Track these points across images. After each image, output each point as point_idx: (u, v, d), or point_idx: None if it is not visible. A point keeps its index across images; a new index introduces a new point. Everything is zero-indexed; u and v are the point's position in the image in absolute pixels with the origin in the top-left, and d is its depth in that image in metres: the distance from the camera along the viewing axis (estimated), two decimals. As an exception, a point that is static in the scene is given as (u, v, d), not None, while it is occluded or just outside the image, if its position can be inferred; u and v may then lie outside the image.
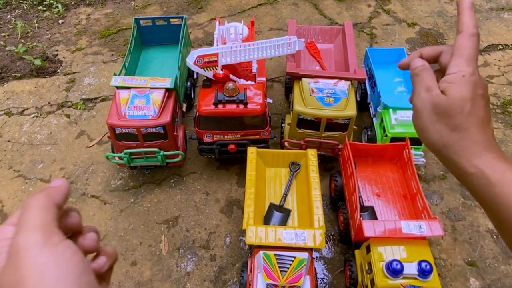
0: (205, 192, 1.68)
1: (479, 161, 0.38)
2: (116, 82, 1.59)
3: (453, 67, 0.41)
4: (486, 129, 0.40)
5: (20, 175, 1.76)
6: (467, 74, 0.40)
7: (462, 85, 0.39)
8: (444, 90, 0.41)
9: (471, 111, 0.39)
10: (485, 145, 0.39)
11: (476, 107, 0.40)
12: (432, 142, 0.42)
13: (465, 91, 0.39)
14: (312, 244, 1.16)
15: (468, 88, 0.39)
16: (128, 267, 1.45)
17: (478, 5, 2.63)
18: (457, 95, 0.39)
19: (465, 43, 0.41)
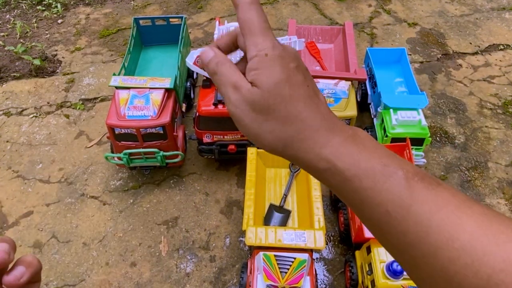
0: (205, 192, 1.67)
1: (326, 151, 0.31)
2: (115, 82, 1.58)
3: (251, 49, 0.33)
4: (319, 105, 0.33)
5: (19, 176, 1.76)
6: (269, 50, 0.32)
7: (269, 67, 0.32)
8: (253, 81, 0.33)
9: (292, 93, 0.32)
10: (326, 126, 0.32)
11: (295, 86, 0.32)
12: (270, 146, 0.34)
13: (276, 74, 0.32)
14: (312, 245, 1.16)
15: (277, 67, 0.32)
16: (128, 268, 1.45)
17: (479, 5, 2.63)
18: (270, 81, 0.32)
19: (248, 16, 0.33)
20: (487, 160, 1.77)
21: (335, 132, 0.32)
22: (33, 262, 0.33)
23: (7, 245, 0.31)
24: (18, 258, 0.32)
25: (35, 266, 0.33)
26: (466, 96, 2.05)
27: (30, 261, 0.33)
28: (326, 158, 0.32)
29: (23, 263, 0.32)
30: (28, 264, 0.32)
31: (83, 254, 1.49)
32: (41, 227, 1.58)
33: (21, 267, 0.32)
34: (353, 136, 0.33)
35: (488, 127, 1.91)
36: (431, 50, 2.31)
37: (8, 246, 0.31)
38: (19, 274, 0.31)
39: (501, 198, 1.64)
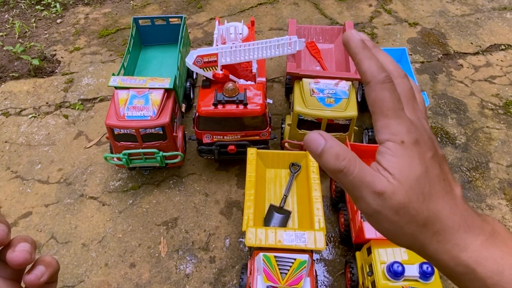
0: (205, 193, 1.66)
1: (466, 256, 0.30)
2: (114, 82, 1.57)
3: (383, 131, 0.31)
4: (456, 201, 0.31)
5: (18, 176, 1.75)
6: (404, 136, 0.30)
7: (407, 158, 0.30)
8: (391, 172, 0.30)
9: (431, 190, 0.30)
10: (465, 226, 0.30)
11: (434, 181, 0.30)
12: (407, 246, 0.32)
13: (416, 167, 0.30)
14: (313, 246, 1.15)
15: (416, 159, 0.30)
16: (127, 269, 1.44)
17: (481, 5, 2.62)
18: (411, 177, 0.29)
19: (380, 95, 0.31)
20: (488, 160, 1.76)
21: (475, 231, 0.30)
22: (52, 262, 0.33)
23: (29, 245, 0.31)
24: (37, 258, 0.32)
25: (54, 266, 0.33)
26: (467, 96, 2.04)
27: (50, 261, 0.33)
28: (465, 264, 0.30)
29: (43, 263, 0.32)
30: (47, 264, 0.32)
31: (82, 255, 1.48)
32: (40, 227, 1.57)
33: (41, 266, 0.32)
34: (494, 235, 0.30)
35: (489, 127, 1.90)
36: (432, 50, 2.31)
37: (30, 246, 0.31)
38: (39, 273, 0.31)
39: (502, 199, 1.63)
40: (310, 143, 0.31)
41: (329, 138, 0.31)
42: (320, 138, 0.31)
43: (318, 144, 0.31)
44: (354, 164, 0.30)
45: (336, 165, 0.30)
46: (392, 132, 0.31)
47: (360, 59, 0.32)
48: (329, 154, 0.31)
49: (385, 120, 0.31)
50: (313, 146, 0.31)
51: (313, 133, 0.32)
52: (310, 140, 0.31)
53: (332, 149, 0.31)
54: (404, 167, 0.30)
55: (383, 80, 0.31)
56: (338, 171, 0.30)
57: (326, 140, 0.31)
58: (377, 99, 0.31)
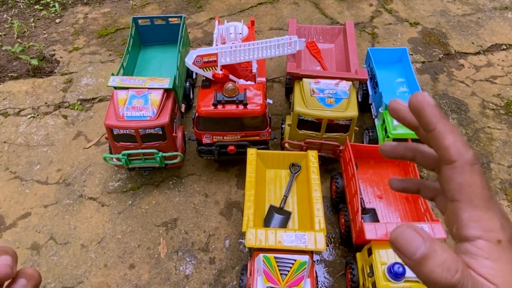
0: (204, 194, 1.66)
1: None
2: (114, 82, 1.57)
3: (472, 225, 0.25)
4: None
5: (17, 177, 1.74)
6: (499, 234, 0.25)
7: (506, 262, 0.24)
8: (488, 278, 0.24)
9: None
10: None
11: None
12: None
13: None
14: (313, 247, 1.14)
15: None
16: (126, 270, 1.43)
17: (482, 4, 2.61)
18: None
19: (468, 180, 0.25)
20: (490, 161, 1.75)
21: None
22: (34, 275, 0.32)
23: (10, 258, 0.30)
24: (19, 270, 0.31)
25: (36, 279, 0.32)
26: (468, 97, 2.03)
27: (31, 274, 0.31)
28: None
29: (24, 276, 0.31)
30: (29, 277, 0.31)
31: (81, 256, 1.47)
32: (39, 228, 1.56)
33: (23, 280, 0.31)
34: None
35: (490, 127, 1.89)
36: (432, 50, 2.30)
37: (11, 259, 0.30)
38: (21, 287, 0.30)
39: (504, 200, 1.62)
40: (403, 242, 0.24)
41: (429, 237, 0.24)
42: (417, 238, 0.24)
43: (416, 245, 0.24)
44: (469, 276, 0.24)
45: (447, 278, 0.23)
46: (484, 228, 0.25)
47: (441, 131, 0.26)
48: (435, 262, 0.23)
49: (474, 211, 0.25)
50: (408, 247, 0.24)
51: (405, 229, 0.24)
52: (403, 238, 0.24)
53: (438, 255, 0.23)
54: (506, 273, 0.24)
55: (473, 161, 0.25)
56: (449, 286, 0.23)
57: (425, 242, 0.24)
58: (465, 185, 0.25)
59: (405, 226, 0.24)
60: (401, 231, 0.24)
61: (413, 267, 0.24)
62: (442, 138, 0.26)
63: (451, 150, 0.26)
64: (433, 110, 0.27)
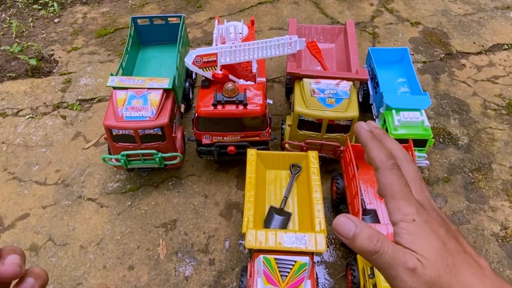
0: (204, 195, 1.65)
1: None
2: (113, 83, 1.56)
3: (395, 212, 0.33)
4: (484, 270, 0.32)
5: (15, 178, 1.73)
6: (414, 216, 0.32)
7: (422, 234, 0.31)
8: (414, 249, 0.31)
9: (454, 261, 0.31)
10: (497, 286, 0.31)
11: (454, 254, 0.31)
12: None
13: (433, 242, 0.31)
14: (313, 248, 1.13)
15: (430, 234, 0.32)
16: (125, 271, 1.42)
17: (483, 4, 2.60)
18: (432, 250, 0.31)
19: (389, 180, 0.34)
20: (491, 161, 1.74)
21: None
22: (41, 274, 0.32)
23: (19, 257, 0.31)
24: (27, 270, 0.32)
25: (43, 278, 0.32)
26: (470, 97, 2.02)
27: (39, 273, 0.32)
28: None
29: (32, 275, 0.32)
30: (37, 276, 0.32)
31: (80, 257, 1.46)
32: (37, 229, 1.55)
33: (31, 279, 0.31)
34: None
35: (492, 128, 1.88)
36: (434, 49, 2.29)
37: (19, 258, 0.31)
38: (29, 286, 0.31)
39: (505, 200, 1.61)
40: (340, 228, 0.33)
41: (358, 221, 0.33)
42: (349, 222, 0.33)
43: (348, 228, 0.33)
44: (387, 243, 0.32)
45: (370, 247, 0.32)
46: (403, 213, 0.33)
47: (370, 148, 0.36)
48: (362, 237, 0.32)
49: (395, 202, 0.33)
50: (344, 230, 0.33)
51: (341, 217, 0.33)
52: (339, 224, 0.33)
53: (364, 231, 0.32)
54: (423, 243, 0.31)
55: (391, 167, 0.34)
56: (374, 252, 0.32)
57: (355, 224, 0.33)
58: (386, 183, 0.34)
59: (341, 216, 0.33)
60: (338, 219, 0.33)
61: (350, 244, 0.33)
62: (371, 152, 0.36)
63: (376, 161, 0.35)
64: (365, 133, 0.37)
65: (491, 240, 1.48)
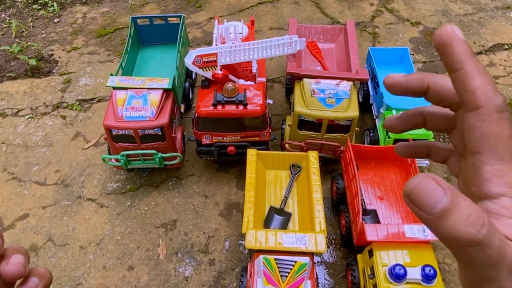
0: (204, 195, 1.64)
1: None
2: (112, 83, 1.55)
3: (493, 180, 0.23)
4: None
5: (15, 178, 1.73)
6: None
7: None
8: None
9: None
10: None
11: None
12: None
13: None
14: (313, 248, 1.13)
15: None
16: (125, 271, 1.42)
17: (484, 4, 2.60)
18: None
19: (494, 128, 0.23)
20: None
21: None
22: (45, 274, 0.32)
23: (23, 257, 0.30)
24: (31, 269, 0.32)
25: (47, 278, 0.32)
26: (469, 96, 2.02)
27: (43, 273, 0.32)
28: None
29: (36, 275, 0.31)
30: (41, 276, 0.32)
31: (80, 258, 1.46)
32: (37, 230, 1.55)
33: (35, 278, 0.31)
34: None
35: (492, 127, 1.88)
36: (434, 49, 2.28)
37: (23, 258, 0.30)
38: (33, 285, 0.31)
39: (506, 200, 1.61)
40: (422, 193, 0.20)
41: (451, 188, 0.20)
42: (437, 189, 0.20)
43: (436, 198, 0.20)
44: (495, 232, 0.21)
45: (471, 233, 0.20)
46: (510, 185, 0.22)
47: (468, 72, 0.23)
48: (458, 216, 0.20)
49: (498, 165, 0.23)
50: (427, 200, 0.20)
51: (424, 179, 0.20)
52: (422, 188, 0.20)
53: (461, 208, 0.20)
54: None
55: (502, 108, 0.23)
56: (475, 242, 0.20)
57: (447, 193, 0.20)
58: (490, 134, 0.23)
59: (424, 176, 0.21)
60: (420, 181, 0.20)
61: (432, 223, 0.21)
62: (469, 79, 0.23)
63: (477, 94, 0.23)
64: (463, 47, 0.23)
65: (491, 240, 1.48)
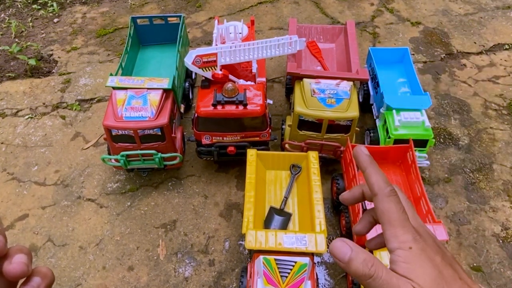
0: (204, 195, 1.64)
1: None
2: (112, 83, 1.55)
3: (391, 240, 0.34)
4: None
5: (14, 178, 1.72)
6: (411, 243, 0.33)
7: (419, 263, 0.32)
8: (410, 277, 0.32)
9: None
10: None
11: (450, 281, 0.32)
12: None
13: (429, 270, 0.32)
14: (314, 249, 1.13)
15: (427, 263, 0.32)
16: (125, 272, 1.42)
17: (484, 4, 2.60)
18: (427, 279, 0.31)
19: (386, 207, 0.35)
20: (492, 162, 1.74)
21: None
22: (48, 273, 0.33)
23: (26, 256, 0.31)
24: (34, 269, 0.32)
25: (50, 278, 0.33)
26: (471, 97, 2.02)
27: (45, 273, 0.33)
28: None
29: (39, 274, 0.32)
30: (43, 276, 0.32)
31: (79, 258, 1.46)
32: (36, 230, 1.55)
33: (37, 278, 0.32)
34: None
35: (493, 128, 1.88)
36: (434, 49, 2.28)
37: (26, 258, 0.31)
38: (36, 285, 0.31)
39: (506, 201, 1.60)
40: (336, 251, 0.34)
41: (354, 245, 0.33)
42: (345, 246, 0.33)
43: (344, 252, 0.33)
44: (381, 268, 0.32)
45: (365, 271, 0.32)
46: (400, 241, 0.33)
47: (369, 173, 0.37)
48: (357, 261, 0.33)
49: (392, 229, 0.34)
50: (340, 254, 0.33)
51: (337, 241, 0.34)
52: (336, 248, 0.34)
53: (359, 256, 0.33)
54: (419, 271, 0.32)
55: (389, 193, 0.35)
56: (368, 277, 0.32)
57: (351, 248, 0.33)
58: (384, 210, 0.35)
59: (338, 240, 0.34)
60: (334, 243, 0.34)
61: (345, 268, 0.33)
62: (369, 177, 0.36)
63: (374, 186, 0.36)
64: (364, 158, 0.38)
65: (492, 241, 1.47)
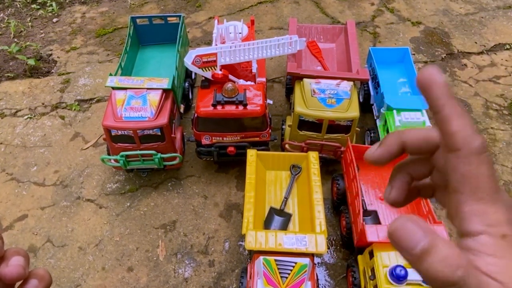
0: (204, 195, 1.64)
1: None
2: (112, 83, 1.55)
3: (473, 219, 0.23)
4: None
5: (13, 178, 1.72)
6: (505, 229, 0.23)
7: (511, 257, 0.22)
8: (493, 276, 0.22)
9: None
10: None
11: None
12: None
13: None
14: (314, 249, 1.13)
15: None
16: (124, 273, 1.41)
17: (485, 3, 2.59)
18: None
19: (473, 170, 0.23)
20: (493, 162, 1.73)
21: None
22: (45, 275, 0.32)
23: (23, 259, 0.30)
24: (31, 271, 0.32)
25: (47, 280, 0.32)
26: (471, 97, 2.01)
27: (43, 275, 0.32)
28: None
29: (36, 277, 0.31)
30: (40, 278, 0.31)
31: (78, 259, 1.45)
32: (36, 231, 1.54)
33: (34, 280, 0.31)
34: None
35: (494, 128, 1.87)
36: (435, 49, 2.28)
37: (23, 260, 0.30)
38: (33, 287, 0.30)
39: (507, 201, 1.60)
40: (403, 235, 0.22)
41: (431, 231, 0.22)
42: (417, 231, 0.22)
43: (416, 239, 0.22)
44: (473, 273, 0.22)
45: (448, 274, 0.21)
46: (488, 223, 0.23)
47: (447, 115, 0.23)
48: (436, 257, 0.21)
49: (477, 205, 0.23)
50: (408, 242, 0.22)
51: (406, 221, 0.22)
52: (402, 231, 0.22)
53: (439, 250, 0.21)
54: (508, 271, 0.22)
55: (480, 150, 0.23)
56: (451, 283, 0.21)
57: (427, 235, 0.22)
58: (469, 175, 0.23)
59: (405, 218, 0.22)
60: (401, 224, 0.22)
61: (413, 263, 0.22)
62: (448, 122, 0.23)
63: (456, 137, 0.23)
64: (441, 90, 0.24)
65: (493, 241, 1.47)
